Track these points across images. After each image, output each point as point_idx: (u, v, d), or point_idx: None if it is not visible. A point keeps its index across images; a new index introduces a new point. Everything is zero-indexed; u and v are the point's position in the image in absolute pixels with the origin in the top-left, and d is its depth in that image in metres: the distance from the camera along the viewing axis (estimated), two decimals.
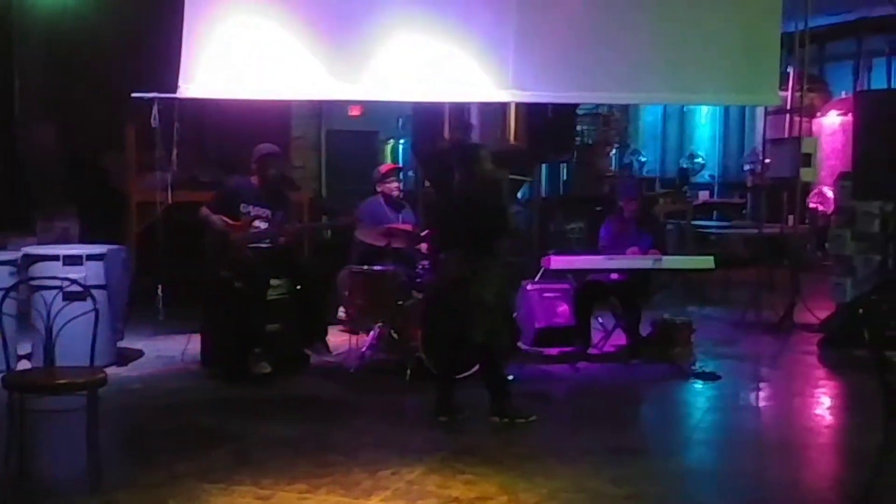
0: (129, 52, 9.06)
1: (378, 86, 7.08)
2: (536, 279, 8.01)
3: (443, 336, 6.01)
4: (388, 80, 7.09)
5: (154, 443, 5.38)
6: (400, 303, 6.99)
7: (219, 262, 6.77)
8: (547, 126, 10.64)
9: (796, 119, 9.64)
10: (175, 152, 7.22)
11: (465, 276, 5.64)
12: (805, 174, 9.53)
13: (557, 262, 7.34)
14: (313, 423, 5.66)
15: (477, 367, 6.08)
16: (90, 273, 6.64)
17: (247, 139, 7.61)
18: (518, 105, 10.09)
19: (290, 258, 7.09)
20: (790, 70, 9.79)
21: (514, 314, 7.00)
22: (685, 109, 15.45)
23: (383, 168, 8.07)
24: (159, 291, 7.22)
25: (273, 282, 6.82)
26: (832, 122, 14.19)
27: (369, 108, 11.06)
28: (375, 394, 5.78)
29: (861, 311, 6.74)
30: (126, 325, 7.33)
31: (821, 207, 13.62)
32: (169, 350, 7.37)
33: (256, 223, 6.86)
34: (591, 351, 7.60)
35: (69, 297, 5.12)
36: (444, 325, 5.92)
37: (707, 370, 7.14)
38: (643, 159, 15.97)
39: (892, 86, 12.96)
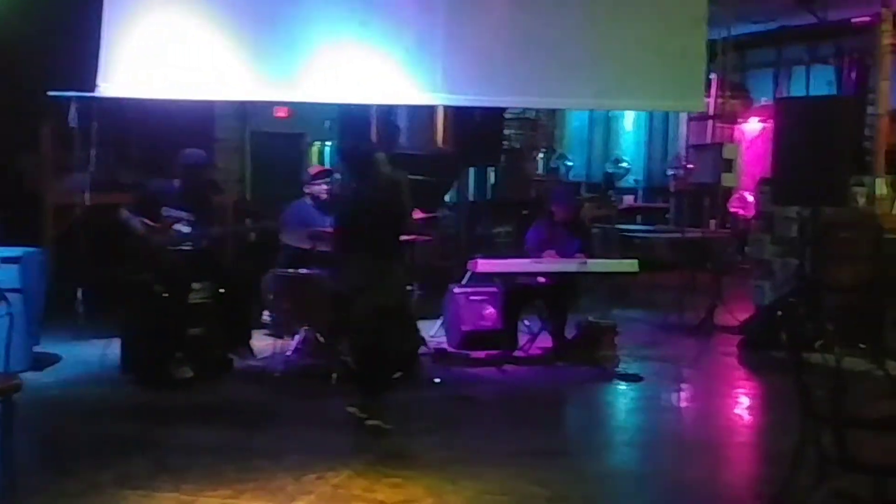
0: (45, 49, 8.81)
1: (305, 87, 7.03)
2: (463, 282, 8.03)
3: (354, 340, 5.97)
4: (315, 81, 7.03)
5: (72, 450, 5.24)
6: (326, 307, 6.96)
7: (139, 266, 6.65)
8: (475, 130, 10.69)
9: (718, 125, 9.84)
10: (93, 153, 7.05)
11: (366, 281, 5.60)
12: (726, 179, 9.75)
13: (484, 265, 7.39)
14: (237, 429, 5.59)
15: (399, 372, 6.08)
16: (5, 276, 6.45)
17: (169, 141, 7.48)
18: (446, 108, 10.13)
19: (214, 261, 7.00)
20: (713, 77, 9.99)
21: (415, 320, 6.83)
22: (611, 115, 15.65)
23: (313, 170, 8.00)
24: (78, 295, 7.05)
25: (195, 285, 6.73)
26: (753, 129, 14.51)
27: (296, 109, 10.95)
28: (301, 398, 5.74)
29: (780, 313, 6.94)
30: (43, 329, 7.14)
31: (741, 212, 13.88)
32: (88, 355, 7.18)
33: (178, 226, 6.75)
34: (517, 354, 7.63)
35: None
36: (351, 329, 5.87)
37: (630, 372, 7.23)
38: (570, 164, 16.12)
39: (811, 93, 13.28)
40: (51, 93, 6.86)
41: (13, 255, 6.72)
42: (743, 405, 6.78)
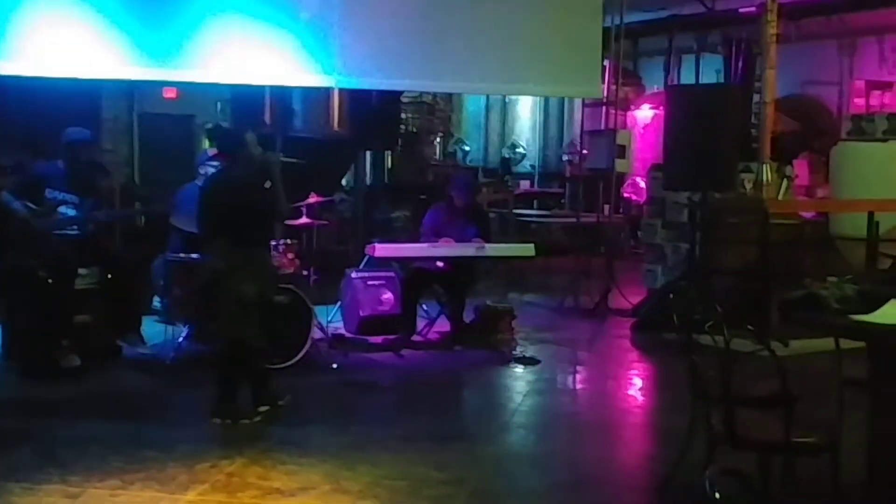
0: None
1: (195, 68, 6.85)
2: (361, 267, 7.98)
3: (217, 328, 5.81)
4: (206, 61, 6.87)
5: None
6: None
7: (22, 251, 6.41)
8: (372, 113, 10.62)
9: (612, 112, 9.99)
10: None
11: (228, 266, 5.42)
12: (620, 165, 9.91)
13: (382, 250, 7.35)
14: (126, 418, 5.46)
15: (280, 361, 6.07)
16: None
17: (53, 121, 7.20)
18: (342, 91, 10.03)
19: (101, 246, 6.81)
20: (606, 64, 10.13)
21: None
22: (507, 100, 15.75)
23: (211, 152, 7.81)
24: None
25: (82, 271, 6.54)
26: (645, 116, 14.81)
27: (185, 90, 10.69)
28: (192, 386, 5.62)
29: (671, 296, 7.10)
30: None
31: (634, 197, 14.17)
32: None
33: (63, 209, 6.53)
34: (415, 338, 7.63)
35: None
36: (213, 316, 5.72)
37: (527, 355, 7.30)
38: (467, 148, 16.19)
39: (700, 81, 13.63)
40: None
41: None
42: (636, 386, 6.93)
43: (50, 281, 6.34)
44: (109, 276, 6.58)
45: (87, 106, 9.31)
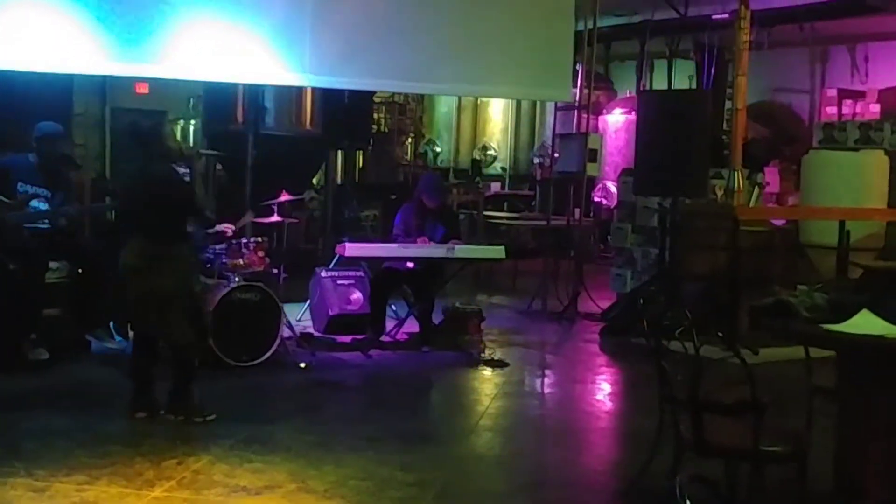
0: None
1: (168, 63, 6.81)
2: (330, 266, 7.97)
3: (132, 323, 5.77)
4: (180, 58, 6.83)
5: None
6: None
7: None
8: (343, 112, 10.62)
9: (583, 116, 10.04)
10: None
11: (143, 263, 5.30)
12: (590, 169, 9.94)
13: (352, 249, 7.34)
14: (92, 413, 5.41)
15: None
16: None
17: (24, 114, 7.14)
18: (314, 90, 10.02)
19: (71, 241, 6.75)
20: (578, 68, 10.18)
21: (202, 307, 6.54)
22: (479, 102, 15.79)
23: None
24: None
25: (52, 265, 6.51)
26: (616, 120, 14.90)
27: (158, 86, 10.62)
28: (159, 381, 5.57)
29: (641, 301, 7.14)
30: None
31: (604, 202, 14.26)
32: None
33: (34, 203, 6.48)
34: (383, 339, 7.64)
35: None
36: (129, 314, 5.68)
37: (495, 357, 7.32)
38: (438, 149, 16.22)
39: (673, 86, 13.73)
40: None
41: None
42: (604, 390, 6.96)
43: (20, 274, 6.29)
44: (79, 270, 6.53)
45: (58, 100, 9.22)
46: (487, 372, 7.05)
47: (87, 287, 6.67)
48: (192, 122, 12.92)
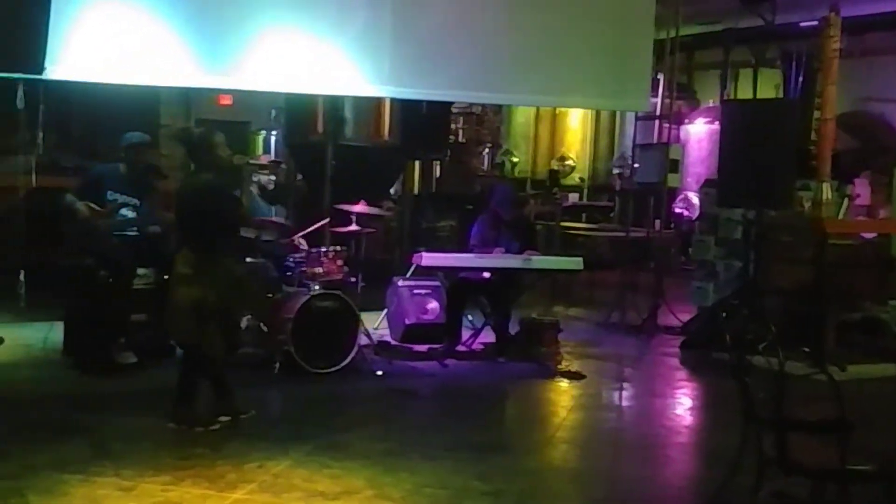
0: None
1: (250, 75, 6.94)
2: (407, 276, 8.01)
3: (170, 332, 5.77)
4: (260, 70, 6.96)
5: (10, 433, 5.13)
6: (269, 296, 6.91)
7: (83, 250, 6.54)
8: (421, 123, 10.67)
9: (665, 125, 9.92)
10: (40, 136, 6.92)
11: (187, 273, 5.30)
12: (671, 180, 9.82)
13: (429, 259, 7.37)
14: None
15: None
16: None
17: (114, 125, 7.34)
18: (393, 101, 10.10)
19: (158, 248, 6.89)
20: (659, 77, 10.08)
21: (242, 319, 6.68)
22: (557, 112, 15.72)
23: (262, 159, 7.93)
24: (21, 277, 6.91)
25: (140, 271, 6.65)
26: (699, 130, 14.69)
27: (241, 97, 10.85)
28: (243, 386, 5.67)
29: (724, 315, 7.02)
30: None
31: (685, 213, 14.07)
32: (30, 338, 7.09)
33: (123, 211, 6.66)
34: (459, 348, 7.65)
35: None
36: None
37: (572, 369, 7.27)
38: (515, 160, 16.18)
39: (757, 96, 13.47)
40: None
41: None
42: (683, 405, 6.85)
43: (109, 280, 6.44)
44: (165, 277, 6.67)
45: (146, 111, 9.47)
46: (564, 384, 7.00)
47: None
48: (274, 132, 13.15)
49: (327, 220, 7.69)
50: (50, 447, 4.78)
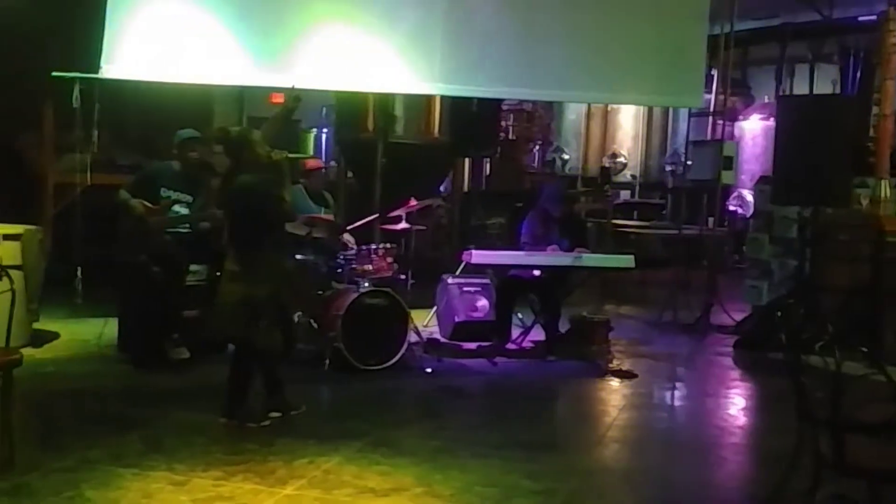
0: (49, 31, 8.76)
1: (301, 73, 6.99)
2: (457, 273, 8.01)
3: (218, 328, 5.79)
4: (312, 68, 7.01)
5: (66, 427, 5.24)
6: (319, 293, 6.95)
7: (136, 246, 6.62)
8: (471, 120, 10.67)
9: (718, 122, 9.81)
10: (95, 134, 7.04)
11: (237, 271, 5.32)
12: (725, 177, 9.70)
13: (479, 256, 7.35)
14: None
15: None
16: (6, 253, 6.43)
17: (167, 123, 7.42)
18: (443, 98, 10.11)
19: (210, 244, 6.96)
20: (714, 73, 9.96)
21: (294, 314, 6.66)
22: (609, 108, 15.62)
23: (310, 164, 7.95)
24: (78, 273, 7.04)
25: (192, 267, 6.72)
26: (753, 127, 14.50)
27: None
28: (293, 383, 5.70)
29: (779, 313, 6.90)
30: (41, 306, 7.15)
31: (740, 210, 13.90)
32: (85, 333, 7.22)
33: (176, 208, 6.73)
34: (508, 346, 7.62)
35: None
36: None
37: (623, 368, 7.21)
38: (566, 157, 16.11)
39: (814, 92, 13.25)
40: (55, 74, 6.81)
41: (14, 233, 6.71)
42: (737, 405, 6.75)
43: (162, 277, 6.51)
44: (217, 273, 6.73)
45: (198, 109, 9.56)
46: (615, 383, 6.94)
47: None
48: (324, 130, 13.24)
49: (377, 214, 7.71)
50: (105, 441, 4.85)
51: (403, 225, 7.47)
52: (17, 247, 6.65)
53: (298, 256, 6.94)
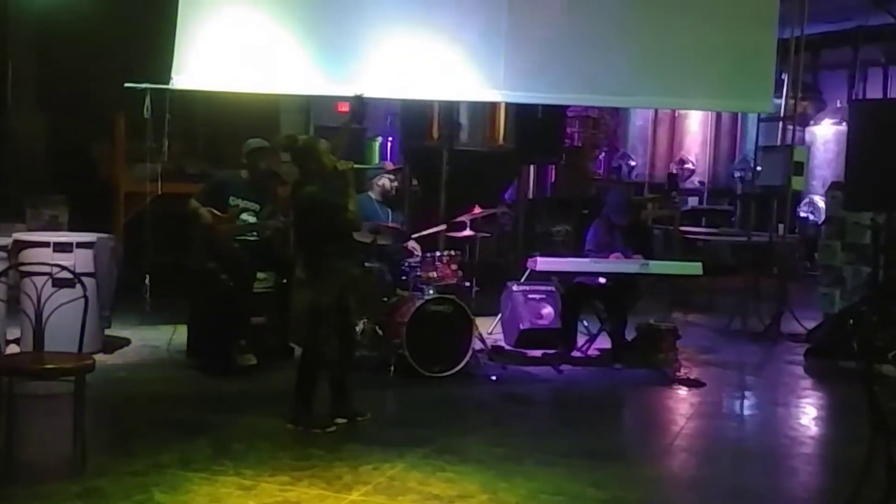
0: (121, 42, 9.00)
1: (368, 83, 7.04)
2: (521, 280, 7.99)
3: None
4: (378, 77, 7.06)
5: (136, 431, 5.35)
6: (385, 300, 6.99)
7: (205, 254, 6.74)
8: (536, 127, 10.65)
9: (789, 127, 9.64)
10: (166, 143, 7.18)
11: (303, 278, 5.38)
12: (796, 183, 9.53)
13: (544, 263, 7.32)
14: None
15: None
16: (79, 260, 6.60)
17: (235, 133, 7.54)
18: (508, 105, 10.11)
19: (277, 252, 7.05)
20: (784, 77, 9.80)
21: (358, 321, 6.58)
22: (676, 114, 15.45)
23: (387, 164, 8.03)
24: (147, 281, 7.18)
25: (259, 275, 6.80)
26: (825, 132, 14.22)
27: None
28: (358, 389, 5.75)
29: (851, 322, 6.76)
30: (113, 313, 7.30)
31: (811, 217, 13.65)
32: (155, 339, 7.36)
33: (244, 216, 6.83)
34: (574, 354, 7.58)
35: (58, 284, 5.12)
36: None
37: (691, 377, 7.12)
38: (632, 163, 15.97)
39: (888, 95, 12.93)
40: (127, 84, 6.97)
41: (87, 241, 6.85)
42: (808, 415, 6.62)
43: (230, 284, 6.61)
44: (284, 280, 6.82)
45: (266, 119, 9.70)
46: (682, 391, 6.86)
47: (292, 297, 6.95)
48: (390, 138, 13.33)
49: (443, 226, 7.73)
50: (174, 446, 4.93)
51: (468, 232, 7.48)
52: (90, 254, 6.79)
53: (367, 264, 6.99)
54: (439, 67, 7.14)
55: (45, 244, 6.70)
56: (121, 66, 7.85)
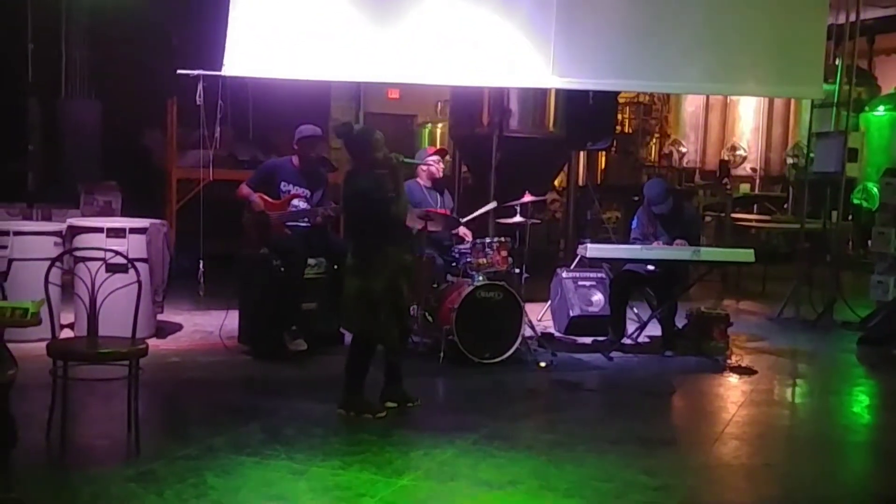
0: (174, 29, 9.12)
1: (418, 69, 7.06)
2: (572, 267, 7.97)
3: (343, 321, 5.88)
4: (428, 63, 7.06)
5: (189, 415, 5.45)
6: (435, 286, 7.02)
7: (257, 240, 6.81)
8: (587, 113, 10.59)
9: (843, 113, 9.49)
10: (218, 130, 7.26)
11: (355, 265, 5.40)
12: (850, 170, 9.38)
13: (593, 250, 7.28)
14: None
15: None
16: (132, 246, 6.71)
17: (286, 120, 7.59)
18: (558, 91, 10.06)
19: (328, 238, 7.11)
20: (838, 63, 9.64)
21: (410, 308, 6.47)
22: (728, 100, 15.25)
23: (429, 150, 8.04)
24: (201, 266, 7.28)
25: (310, 261, 6.85)
26: (880, 118, 13.97)
27: (407, 91, 11.06)
28: (408, 375, 5.79)
29: None
30: (165, 298, 7.40)
31: (865, 204, 13.44)
32: (207, 325, 7.47)
33: (295, 202, 6.89)
34: (624, 341, 7.55)
35: (112, 269, 5.21)
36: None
37: (742, 364, 7.06)
38: (683, 150, 15.82)
39: None
40: (179, 71, 7.05)
41: (140, 226, 6.96)
42: (861, 403, 6.56)
43: (282, 270, 6.67)
44: (335, 266, 6.87)
45: (316, 105, 9.77)
46: (734, 379, 6.81)
47: (342, 282, 6.99)
48: (440, 125, 13.35)
49: (494, 203, 7.71)
50: (227, 430, 4.99)
51: (518, 218, 7.48)
52: (143, 240, 6.90)
53: (417, 251, 7.01)
54: (489, 54, 7.12)
55: (99, 230, 6.81)
56: (173, 53, 7.95)
